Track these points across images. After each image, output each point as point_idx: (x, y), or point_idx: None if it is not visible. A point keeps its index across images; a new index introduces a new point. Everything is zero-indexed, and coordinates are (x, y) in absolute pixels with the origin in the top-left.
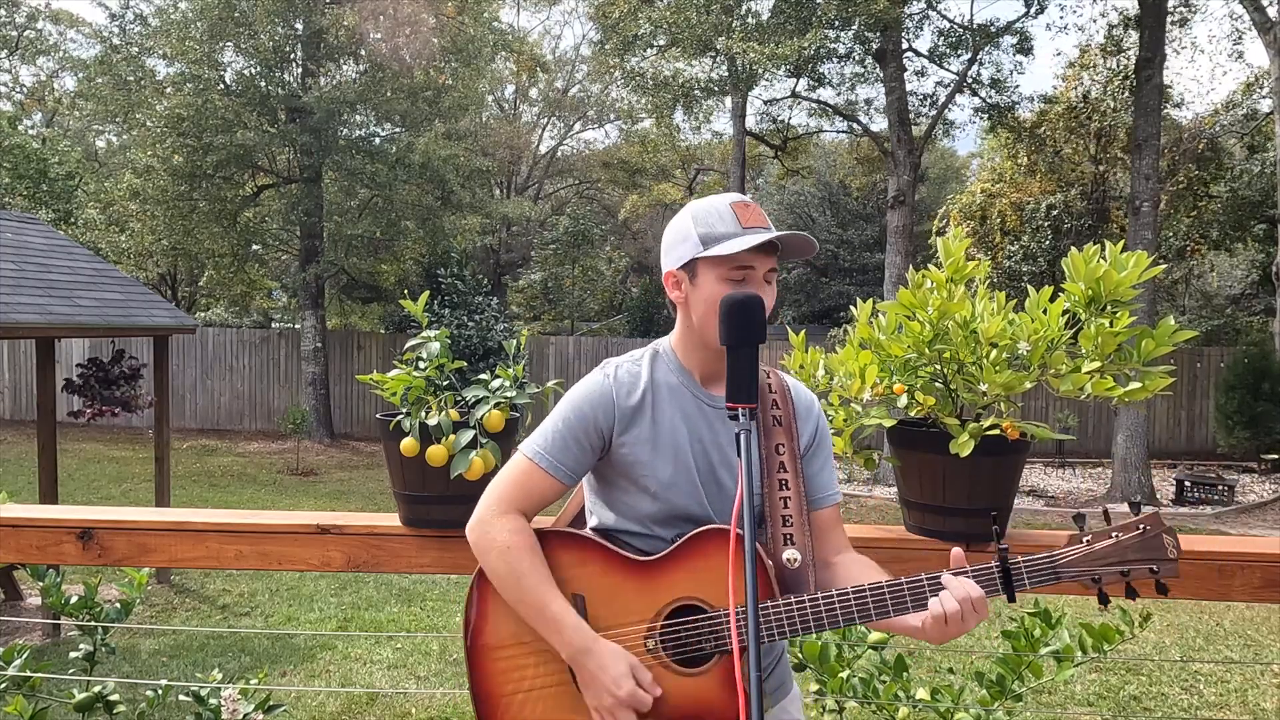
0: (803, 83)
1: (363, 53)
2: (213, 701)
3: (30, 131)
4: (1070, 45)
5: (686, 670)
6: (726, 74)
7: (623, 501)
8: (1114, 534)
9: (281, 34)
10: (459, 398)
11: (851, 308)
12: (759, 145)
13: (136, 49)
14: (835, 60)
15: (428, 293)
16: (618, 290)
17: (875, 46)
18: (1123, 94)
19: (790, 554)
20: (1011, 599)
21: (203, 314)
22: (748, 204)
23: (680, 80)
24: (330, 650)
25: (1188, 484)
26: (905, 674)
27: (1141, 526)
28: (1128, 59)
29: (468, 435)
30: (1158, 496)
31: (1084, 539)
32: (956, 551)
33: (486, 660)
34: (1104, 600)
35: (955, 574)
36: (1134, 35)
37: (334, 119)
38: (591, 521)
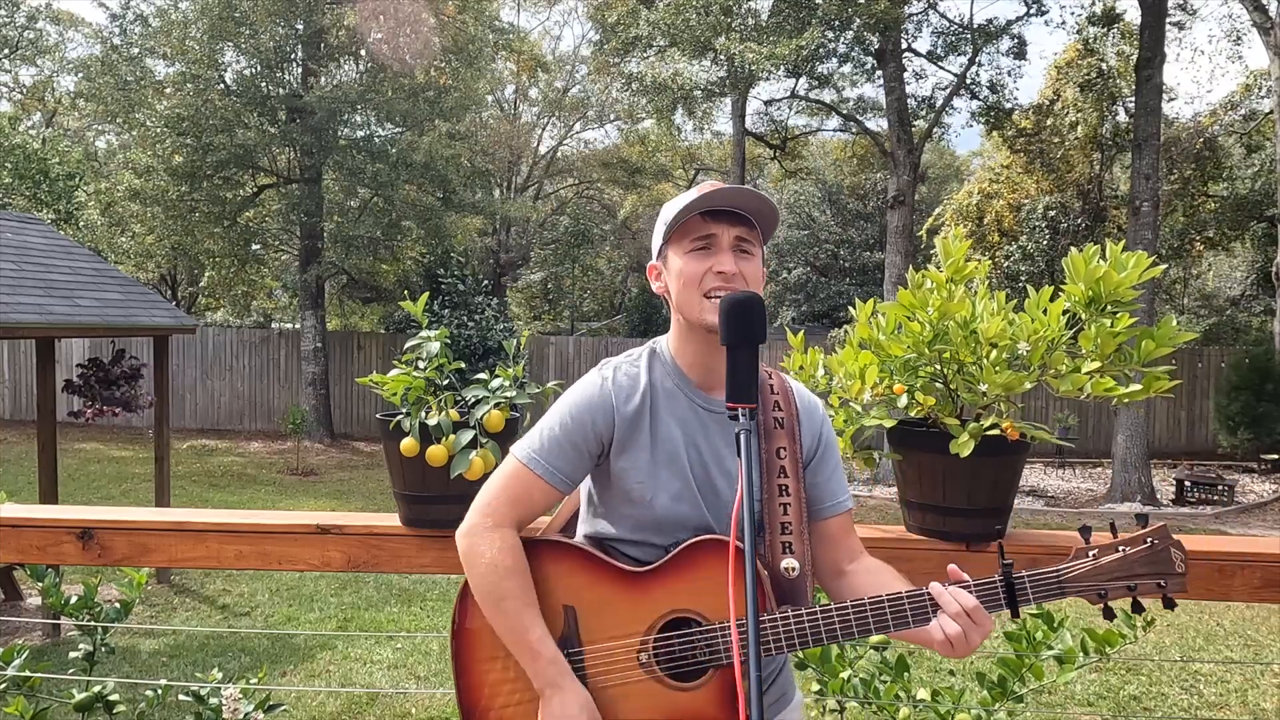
0: (802, 82)
1: (363, 53)
2: (213, 701)
3: (30, 132)
4: (1060, 44)
5: (680, 685)
6: (725, 75)
7: (619, 509)
8: (1121, 548)
9: (282, 34)
10: (459, 398)
11: (851, 308)
12: (760, 144)
13: (137, 49)
14: (834, 60)
15: (427, 293)
16: (618, 290)
17: (875, 47)
18: (1116, 90)
19: (788, 563)
20: (1015, 615)
21: (208, 315)
22: (715, 184)
23: (680, 82)
24: (330, 650)
25: (1188, 484)
26: (906, 674)
27: (1149, 540)
28: (1118, 56)
29: (468, 435)
30: (1158, 496)
31: (1089, 553)
32: (953, 568)
33: (471, 671)
34: (1109, 615)
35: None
36: (1117, 33)
37: (334, 119)
38: (585, 528)
